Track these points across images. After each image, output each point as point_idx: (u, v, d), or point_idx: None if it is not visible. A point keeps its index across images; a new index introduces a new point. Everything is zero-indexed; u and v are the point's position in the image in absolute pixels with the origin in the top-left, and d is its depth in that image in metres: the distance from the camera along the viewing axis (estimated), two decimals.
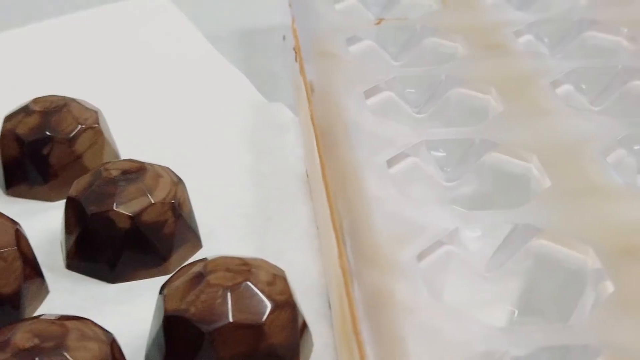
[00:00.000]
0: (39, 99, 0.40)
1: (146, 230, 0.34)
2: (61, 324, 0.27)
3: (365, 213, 0.30)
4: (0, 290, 0.31)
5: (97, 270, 0.34)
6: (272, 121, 0.46)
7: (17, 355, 0.26)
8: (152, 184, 0.35)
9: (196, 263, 0.30)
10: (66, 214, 0.35)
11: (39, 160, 0.39)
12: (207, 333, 0.28)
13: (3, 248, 0.32)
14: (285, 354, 0.29)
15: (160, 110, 0.47)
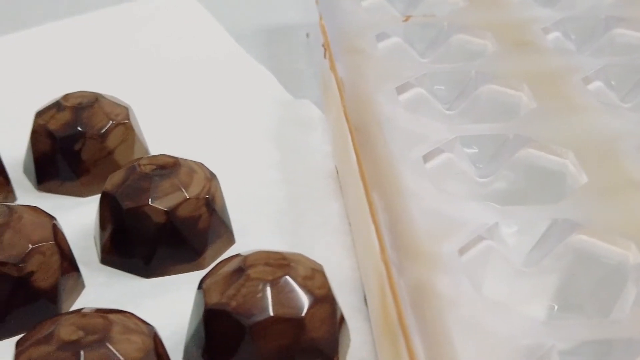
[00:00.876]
0: (69, 94, 0.41)
1: (181, 225, 0.34)
2: (104, 317, 0.27)
3: (403, 208, 0.30)
4: (39, 284, 0.31)
5: (132, 265, 0.35)
6: (299, 118, 0.46)
7: (62, 347, 0.26)
8: (186, 179, 0.35)
9: (235, 257, 0.30)
10: (101, 209, 0.35)
11: (71, 156, 0.39)
12: (248, 326, 0.28)
13: (41, 242, 0.32)
14: (325, 348, 0.29)
15: (188, 108, 0.47)
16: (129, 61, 0.52)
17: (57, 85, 0.45)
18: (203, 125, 0.45)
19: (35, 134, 0.40)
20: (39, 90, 0.45)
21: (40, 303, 0.32)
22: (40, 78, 0.50)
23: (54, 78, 0.50)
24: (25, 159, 0.41)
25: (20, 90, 0.49)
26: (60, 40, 0.54)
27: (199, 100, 0.48)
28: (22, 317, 0.31)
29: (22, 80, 0.50)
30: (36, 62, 0.52)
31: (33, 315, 0.31)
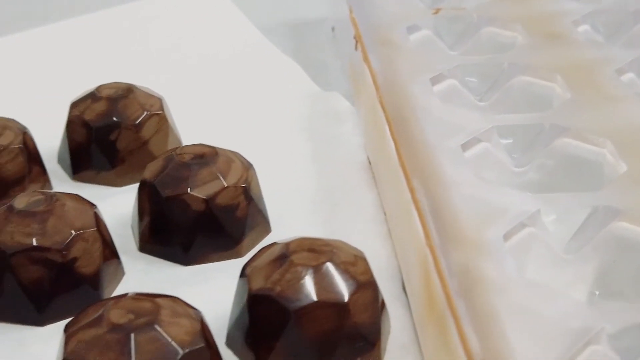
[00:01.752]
0: (104, 85, 0.41)
1: (219, 213, 0.34)
2: (153, 301, 0.27)
3: (444, 195, 0.30)
4: (82, 270, 0.32)
5: (171, 252, 0.35)
6: (329, 110, 0.46)
7: (113, 330, 0.26)
8: (224, 168, 0.35)
9: (276, 244, 0.31)
10: (139, 198, 0.36)
11: (107, 146, 0.39)
12: (293, 311, 0.28)
13: (84, 229, 0.32)
14: (368, 334, 0.29)
15: (218, 100, 0.47)
16: (159, 55, 0.52)
17: (89, 77, 0.45)
18: (234, 117, 0.46)
19: (71, 124, 0.40)
20: (73, 82, 0.46)
21: (83, 289, 0.32)
22: (73, 70, 0.50)
23: (87, 70, 0.50)
24: (60, 150, 0.41)
25: (53, 82, 0.49)
26: (93, 32, 0.55)
27: (228, 92, 0.48)
28: (65, 303, 0.32)
29: (55, 72, 0.51)
30: (69, 54, 0.52)
31: (76, 301, 0.32)
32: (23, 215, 0.32)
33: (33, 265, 0.31)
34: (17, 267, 0.31)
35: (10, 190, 0.37)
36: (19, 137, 0.38)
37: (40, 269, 0.31)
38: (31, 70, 0.51)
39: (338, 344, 0.29)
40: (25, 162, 0.38)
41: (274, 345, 0.29)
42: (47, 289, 0.31)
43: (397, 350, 0.30)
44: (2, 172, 0.37)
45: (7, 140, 0.37)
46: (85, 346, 0.26)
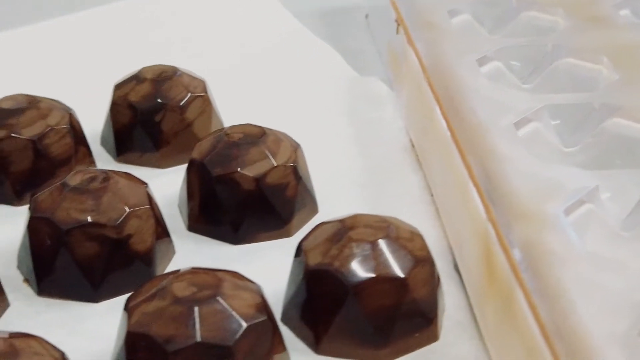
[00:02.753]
0: (147, 67, 0.41)
1: (269, 192, 0.34)
2: (214, 275, 0.27)
3: (501, 172, 0.30)
4: (136, 247, 0.32)
5: (221, 232, 0.35)
6: (368, 94, 0.46)
7: (177, 302, 0.26)
8: (273, 147, 0.35)
9: (331, 221, 0.31)
10: (188, 177, 0.36)
11: (151, 128, 0.39)
12: (352, 286, 0.28)
13: (138, 207, 0.32)
14: (426, 310, 0.29)
15: (258, 85, 0.47)
16: (199, 42, 0.52)
17: (131, 60, 0.45)
18: (274, 101, 0.46)
19: (116, 106, 0.40)
20: (114, 65, 0.46)
21: (136, 266, 0.32)
22: (115, 53, 0.51)
23: (128, 53, 0.50)
24: (103, 132, 0.41)
25: (95, 65, 0.49)
26: (135, 17, 0.55)
27: (267, 78, 0.48)
28: (119, 279, 0.32)
29: (97, 55, 0.51)
30: (112, 38, 0.53)
31: (129, 278, 0.32)
32: (78, 192, 0.32)
33: (88, 241, 0.31)
34: (73, 244, 0.31)
35: (57, 171, 0.37)
36: (66, 118, 0.38)
37: (95, 245, 0.31)
38: (73, 53, 0.51)
39: (396, 320, 0.29)
40: (72, 142, 0.38)
41: (332, 321, 0.29)
42: (101, 266, 0.31)
43: (453, 327, 0.30)
44: (50, 152, 0.37)
45: (55, 120, 0.37)
46: (149, 318, 0.26)
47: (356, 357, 0.29)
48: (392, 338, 0.29)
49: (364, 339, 0.29)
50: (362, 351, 0.29)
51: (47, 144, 0.37)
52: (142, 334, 0.26)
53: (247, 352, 0.26)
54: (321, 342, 0.29)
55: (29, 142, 0.37)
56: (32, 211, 0.32)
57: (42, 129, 0.37)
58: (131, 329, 0.26)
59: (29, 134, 0.37)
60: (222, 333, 0.26)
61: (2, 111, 0.37)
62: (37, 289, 0.32)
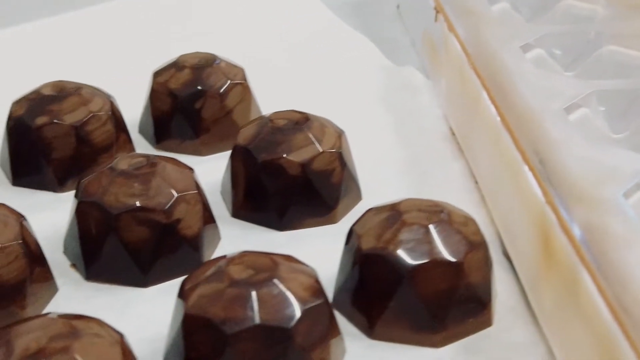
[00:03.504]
0: (186, 55, 0.41)
1: (315, 178, 0.34)
2: (270, 258, 0.27)
3: (555, 156, 0.30)
4: (184, 232, 0.32)
5: (266, 218, 0.35)
6: (404, 84, 0.46)
7: (234, 284, 0.26)
8: (318, 133, 0.35)
9: (381, 206, 0.30)
10: (232, 163, 0.35)
11: (191, 115, 0.39)
12: (407, 270, 0.28)
13: (186, 191, 0.32)
14: (481, 294, 0.29)
15: (294, 75, 0.47)
16: (235, 33, 0.52)
17: (168, 48, 0.45)
18: (311, 91, 0.45)
19: (155, 93, 0.40)
20: (152, 53, 0.46)
21: (185, 251, 0.32)
22: (152, 41, 0.51)
23: (165, 41, 0.50)
24: (142, 119, 0.41)
25: (133, 53, 0.49)
26: (173, 5, 0.55)
27: (303, 68, 0.48)
28: (168, 264, 0.32)
29: (134, 42, 0.51)
30: (149, 25, 0.53)
31: (177, 263, 0.32)
32: (126, 176, 0.31)
33: (138, 225, 0.31)
34: (122, 228, 0.31)
35: (98, 157, 0.37)
36: (107, 104, 0.38)
37: (144, 230, 0.31)
38: (110, 40, 0.51)
39: (451, 305, 0.28)
40: (114, 129, 0.38)
41: (386, 305, 0.28)
42: (150, 250, 0.31)
43: (506, 313, 0.30)
44: (92, 138, 0.37)
45: (97, 107, 0.37)
46: (207, 301, 0.26)
47: (410, 342, 0.29)
48: (446, 323, 0.28)
49: (419, 324, 0.28)
50: (416, 336, 0.28)
51: (89, 131, 0.37)
52: (199, 317, 0.26)
53: (305, 335, 0.26)
54: (375, 326, 0.29)
55: (71, 128, 0.36)
56: (81, 196, 0.32)
57: (84, 115, 0.37)
58: (188, 311, 0.26)
59: (71, 120, 0.36)
60: (280, 315, 0.26)
61: (44, 97, 0.37)
62: (85, 273, 0.32)
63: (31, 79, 0.41)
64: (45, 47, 0.50)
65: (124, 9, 0.55)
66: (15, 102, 0.38)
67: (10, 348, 0.23)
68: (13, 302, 0.29)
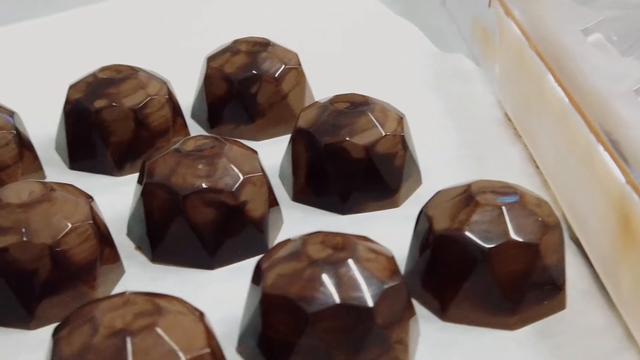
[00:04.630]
0: (240, 40, 0.41)
1: (379, 161, 0.34)
2: (347, 238, 0.27)
3: (630, 137, 0.29)
4: (251, 214, 0.31)
5: (328, 201, 0.34)
6: (454, 70, 0.46)
7: (313, 264, 0.26)
8: (380, 116, 0.35)
9: (452, 188, 0.30)
10: (293, 146, 0.35)
11: (247, 99, 0.39)
12: (483, 251, 0.28)
13: (252, 173, 0.32)
14: (555, 277, 0.29)
15: (343, 62, 0.47)
16: (282, 19, 0.52)
17: (218, 33, 0.45)
18: (361, 77, 0.45)
19: (210, 78, 0.40)
20: (204, 38, 0.46)
21: (251, 233, 0.32)
22: (203, 26, 0.51)
23: (216, 26, 0.50)
24: (195, 104, 0.41)
25: (183, 37, 0.49)
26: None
27: (352, 55, 0.47)
28: (234, 246, 0.31)
29: (184, 27, 0.51)
30: (198, 11, 0.53)
31: (243, 245, 0.31)
32: (193, 157, 0.31)
33: (205, 207, 0.31)
34: (190, 209, 0.31)
35: (156, 141, 0.37)
36: (164, 88, 0.38)
37: (212, 211, 0.31)
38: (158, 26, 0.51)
39: (527, 287, 0.28)
40: (171, 113, 0.37)
41: (460, 287, 0.28)
42: (217, 232, 0.31)
43: (579, 296, 0.30)
44: (150, 122, 0.37)
45: (154, 90, 0.37)
46: (286, 280, 0.26)
47: (484, 325, 0.28)
48: (522, 305, 0.28)
49: (493, 306, 0.28)
50: (491, 318, 0.28)
51: (148, 114, 0.37)
52: (279, 296, 0.25)
53: (385, 315, 0.26)
54: (448, 308, 0.28)
55: (130, 111, 0.36)
56: (147, 177, 0.31)
57: (143, 98, 0.36)
58: (267, 290, 0.26)
59: (130, 104, 0.36)
60: (361, 295, 0.25)
61: (102, 81, 0.37)
62: (152, 255, 0.31)
63: (82, 63, 0.41)
64: (93, 33, 0.50)
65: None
66: (72, 85, 0.37)
67: (95, 325, 0.23)
68: (84, 283, 0.29)
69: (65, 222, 0.28)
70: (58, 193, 0.29)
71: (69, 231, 0.28)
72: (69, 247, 0.28)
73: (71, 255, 0.28)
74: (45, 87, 0.43)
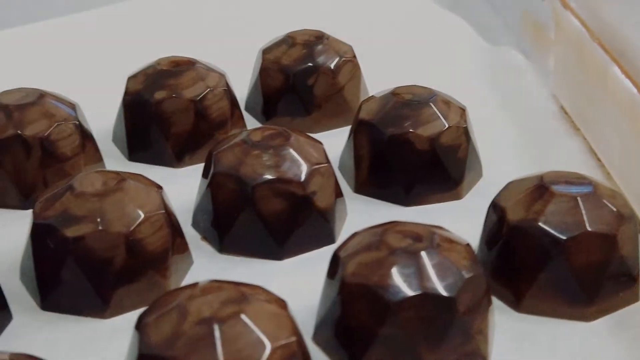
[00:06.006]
0: (295, 32, 0.40)
1: (443, 153, 0.34)
2: (426, 228, 0.27)
3: None
4: (319, 204, 0.31)
5: (391, 193, 0.34)
6: (505, 64, 0.46)
7: (394, 253, 0.26)
8: (443, 108, 0.34)
9: (524, 178, 0.30)
10: (355, 138, 0.35)
11: (304, 91, 0.39)
12: (561, 241, 0.27)
13: (320, 164, 0.32)
14: (631, 268, 0.28)
15: (394, 56, 0.46)
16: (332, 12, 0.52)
17: (271, 25, 0.45)
18: (412, 71, 0.45)
19: (266, 70, 0.39)
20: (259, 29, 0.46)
21: (319, 223, 0.32)
22: (258, 18, 0.51)
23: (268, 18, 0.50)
24: (249, 96, 0.41)
25: (237, 30, 0.49)
26: None
27: (402, 49, 0.47)
28: (303, 237, 0.31)
29: (238, 20, 0.51)
30: (252, 4, 0.53)
31: (311, 235, 0.31)
32: (261, 148, 0.31)
33: (275, 197, 0.31)
34: (259, 199, 0.30)
35: (215, 133, 0.37)
36: (223, 80, 0.38)
37: (281, 202, 0.31)
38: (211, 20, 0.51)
39: (604, 277, 0.28)
40: (229, 104, 0.37)
41: (535, 278, 0.28)
42: (286, 222, 0.31)
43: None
44: (209, 113, 0.37)
45: (213, 82, 0.37)
46: (367, 269, 0.25)
47: (560, 316, 0.28)
48: (598, 296, 0.28)
49: (570, 297, 0.28)
50: (566, 309, 0.28)
51: (207, 105, 0.37)
52: (360, 284, 0.25)
53: (467, 304, 0.25)
54: (523, 299, 0.28)
55: (190, 102, 0.36)
56: (215, 167, 0.31)
57: (202, 90, 0.36)
58: (347, 279, 0.26)
59: (190, 95, 0.36)
60: (444, 284, 0.25)
61: (161, 72, 0.37)
62: (219, 246, 0.31)
63: (134, 55, 0.42)
64: (147, 24, 0.51)
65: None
66: (131, 77, 0.37)
67: (183, 312, 0.23)
68: (157, 272, 0.29)
69: (139, 212, 0.28)
70: (130, 182, 0.29)
71: (142, 220, 0.28)
72: (143, 237, 0.28)
73: (145, 245, 0.28)
74: (100, 79, 0.43)
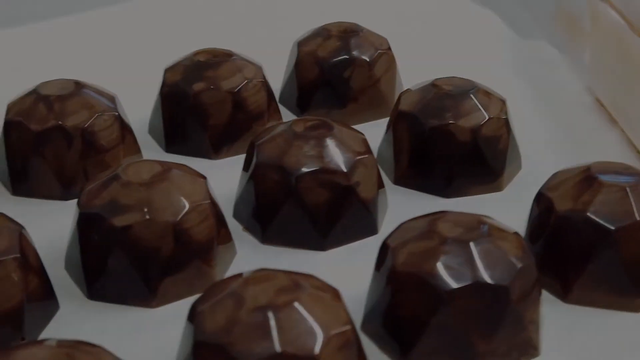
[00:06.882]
0: (329, 24, 0.40)
1: (484, 144, 0.34)
2: (475, 217, 0.27)
3: None
4: (363, 195, 0.31)
5: (431, 185, 0.34)
6: (537, 57, 0.45)
7: (446, 243, 0.25)
8: (484, 99, 0.34)
9: (570, 169, 0.30)
10: (395, 129, 0.35)
11: (340, 83, 0.39)
12: (612, 232, 0.27)
13: (363, 155, 0.31)
14: None
15: (425, 49, 0.46)
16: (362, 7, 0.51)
17: (304, 17, 0.45)
18: (446, 62, 0.44)
19: (302, 62, 0.39)
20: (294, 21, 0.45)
21: (362, 214, 0.31)
22: (288, 11, 0.51)
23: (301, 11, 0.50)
24: (284, 89, 0.41)
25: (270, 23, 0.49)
26: None
27: (432, 42, 0.47)
28: (345, 227, 0.31)
29: (271, 13, 0.51)
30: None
31: (354, 226, 0.31)
32: (304, 138, 0.31)
33: (319, 187, 0.30)
34: (303, 190, 0.30)
35: (252, 125, 0.37)
36: (260, 72, 0.37)
37: (325, 192, 0.31)
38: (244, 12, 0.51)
39: None
40: (266, 96, 0.37)
41: (584, 268, 0.28)
42: (330, 213, 0.31)
43: None
44: (247, 105, 0.37)
45: (251, 74, 0.37)
46: (419, 258, 0.25)
47: (609, 307, 0.28)
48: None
49: (619, 288, 0.28)
50: (616, 300, 0.28)
51: (245, 97, 0.36)
52: (411, 274, 0.25)
53: (519, 293, 0.25)
54: (571, 290, 0.28)
55: (228, 94, 0.36)
56: (257, 157, 0.31)
57: (240, 81, 0.36)
58: (398, 268, 0.25)
59: (228, 87, 0.36)
60: (497, 273, 0.25)
61: (199, 64, 0.37)
62: (262, 236, 0.31)
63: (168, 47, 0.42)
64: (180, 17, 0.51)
65: None
66: (168, 68, 0.37)
67: (239, 299, 0.23)
68: (204, 261, 0.29)
69: (186, 201, 0.28)
70: (175, 172, 0.29)
71: (189, 210, 0.28)
72: (190, 226, 0.28)
73: (192, 234, 0.28)
74: (135, 70, 0.43)
